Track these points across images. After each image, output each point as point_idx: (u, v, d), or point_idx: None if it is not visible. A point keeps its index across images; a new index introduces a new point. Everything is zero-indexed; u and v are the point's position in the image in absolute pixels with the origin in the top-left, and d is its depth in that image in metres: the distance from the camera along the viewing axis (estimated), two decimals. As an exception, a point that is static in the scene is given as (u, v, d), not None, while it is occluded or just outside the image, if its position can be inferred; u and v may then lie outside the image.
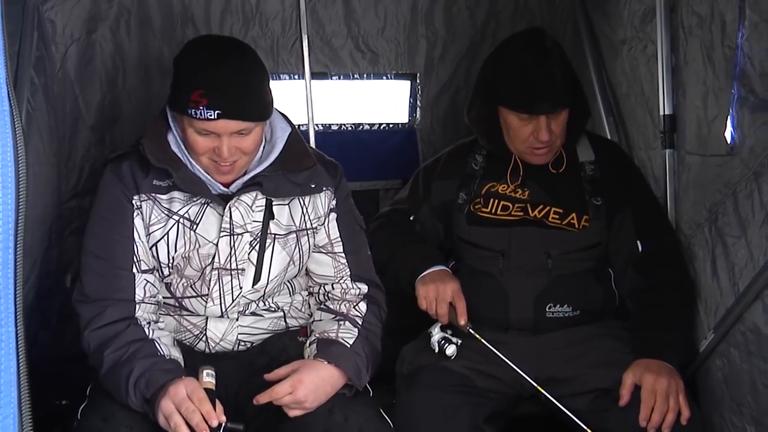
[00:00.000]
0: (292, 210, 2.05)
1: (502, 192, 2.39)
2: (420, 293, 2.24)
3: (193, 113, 1.83)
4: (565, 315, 2.27)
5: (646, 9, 2.51)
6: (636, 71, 2.63)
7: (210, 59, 1.87)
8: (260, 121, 1.91)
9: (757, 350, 1.94)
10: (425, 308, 2.23)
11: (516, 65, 2.25)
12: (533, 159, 2.35)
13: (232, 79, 1.84)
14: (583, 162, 2.40)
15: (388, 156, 3.12)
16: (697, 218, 2.26)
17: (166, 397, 1.74)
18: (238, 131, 1.86)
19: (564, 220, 2.32)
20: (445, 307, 2.20)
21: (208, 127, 1.84)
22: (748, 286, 1.98)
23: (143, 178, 1.96)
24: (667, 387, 2.02)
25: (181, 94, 1.85)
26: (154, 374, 1.79)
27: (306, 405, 1.83)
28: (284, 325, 2.12)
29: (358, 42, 3.01)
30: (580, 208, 2.33)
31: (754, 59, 1.94)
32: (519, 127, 2.28)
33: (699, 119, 2.26)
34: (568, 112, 2.29)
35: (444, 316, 2.20)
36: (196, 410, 1.70)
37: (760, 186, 1.94)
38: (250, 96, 1.87)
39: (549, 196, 2.35)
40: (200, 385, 1.77)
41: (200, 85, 1.82)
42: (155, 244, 1.96)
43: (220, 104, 1.81)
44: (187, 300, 2.02)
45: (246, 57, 1.93)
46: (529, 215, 2.33)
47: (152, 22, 2.73)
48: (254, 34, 2.89)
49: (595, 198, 2.34)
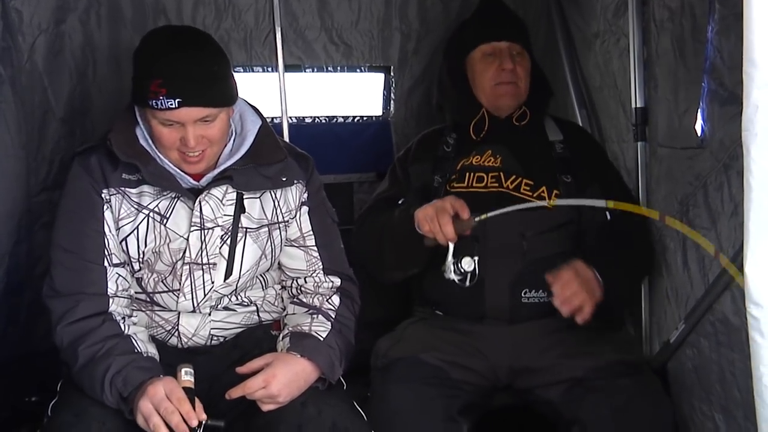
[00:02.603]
0: (264, 203, 2.03)
1: (476, 164, 2.42)
2: (419, 218, 2.14)
3: (154, 104, 1.81)
4: (540, 300, 2.28)
5: (619, 2, 2.53)
6: (609, 64, 2.65)
7: (166, 48, 1.85)
8: (223, 106, 1.89)
9: (725, 340, 1.97)
10: (428, 231, 2.11)
11: (475, 12, 2.56)
12: (501, 100, 2.41)
13: (190, 66, 1.82)
14: (553, 141, 2.46)
15: (362, 149, 3.11)
16: (669, 210, 2.28)
17: (144, 397, 1.72)
18: (202, 118, 1.85)
19: (535, 193, 2.34)
20: (446, 216, 2.08)
21: (171, 117, 1.82)
22: (717, 277, 2.00)
23: (112, 171, 1.93)
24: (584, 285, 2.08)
25: (141, 87, 1.83)
26: (131, 372, 1.77)
27: (279, 399, 1.82)
28: (257, 319, 2.11)
29: (332, 34, 3.00)
30: (550, 182, 2.36)
31: (724, 53, 1.95)
32: (485, 67, 2.42)
33: (670, 112, 2.28)
34: (529, 62, 2.42)
35: (447, 225, 2.07)
36: (176, 411, 1.69)
37: (729, 178, 1.96)
38: (209, 82, 1.85)
39: (520, 166, 2.39)
40: (179, 384, 1.76)
41: (158, 75, 1.80)
42: (125, 239, 1.94)
43: (180, 92, 1.80)
44: (158, 295, 2.00)
45: (203, 44, 1.91)
46: (503, 186, 2.35)
47: (123, 13, 2.70)
48: (227, 26, 2.88)
49: (565, 176, 2.38)
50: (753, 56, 1.14)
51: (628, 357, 2.19)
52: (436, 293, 2.37)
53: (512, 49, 2.42)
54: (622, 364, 2.13)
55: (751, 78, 1.15)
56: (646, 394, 2.07)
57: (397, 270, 2.38)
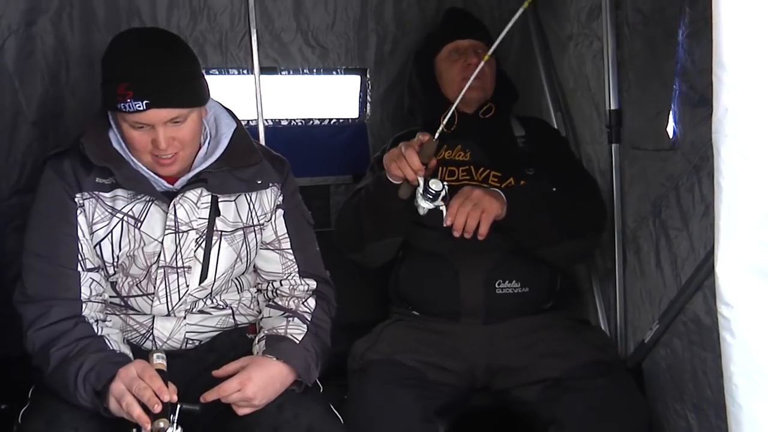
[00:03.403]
0: (239, 206, 2.02)
1: (448, 158, 2.45)
2: (387, 161, 2.16)
3: (122, 107, 1.79)
4: (515, 291, 2.30)
5: (593, 6, 2.56)
6: (583, 67, 2.68)
7: (133, 50, 1.84)
8: (192, 107, 1.87)
9: (698, 340, 1.99)
10: (396, 169, 2.11)
11: (441, 21, 2.72)
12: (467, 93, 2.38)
13: (157, 67, 1.81)
14: (517, 136, 2.54)
15: (338, 151, 3.11)
16: (642, 211, 2.31)
17: (116, 379, 1.71)
18: (172, 120, 1.83)
19: (503, 183, 2.37)
20: (410, 150, 2.09)
21: (140, 119, 1.81)
22: (690, 278, 2.03)
23: (86, 175, 1.91)
24: (479, 198, 2.12)
25: (109, 90, 1.82)
26: (104, 366, 1.76)
27: (255, 402, 1.81)
28: (233, 322, 2.10)
29: (308, 37, 2.99)
30: (516, 173, 2.40)
31: (695, 56, 1.98)
32: (451, 65, 2.54)
33: (643, 114, 2.32)
34: (494, 64, 2.54)
35: (413, 156, 2.07)
36: (148, 387, 1.67)
37: (700, 180, 1.99)
38: (177, 82, 1.83)
39: (488, 159, 2.44)
40: (151, 366, 1.74)
41: (125, 78, 1.78)
42: (99, 243, 1.92)
43: (147, 94, 1.78)
44: (132, 299, 1.98)
45: (170, 45, 1.90)
46: (473, 178, 2.39)
47: (96, 15, 2.68)
48: (202, 29, 2.86)
49: (528, 168, 2.42)
50: (722, 60, 1.15)
51: (604, 357, 2.20)
52: (411, 291, 2.38)
53: (476, 47, 2.53)
54: (597, 364, 2.15)
55: (720, 81, 1.16)
56: (622, 394, 2.09)
57: (378, 238, 2.35)
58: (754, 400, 1.19)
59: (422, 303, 2.36)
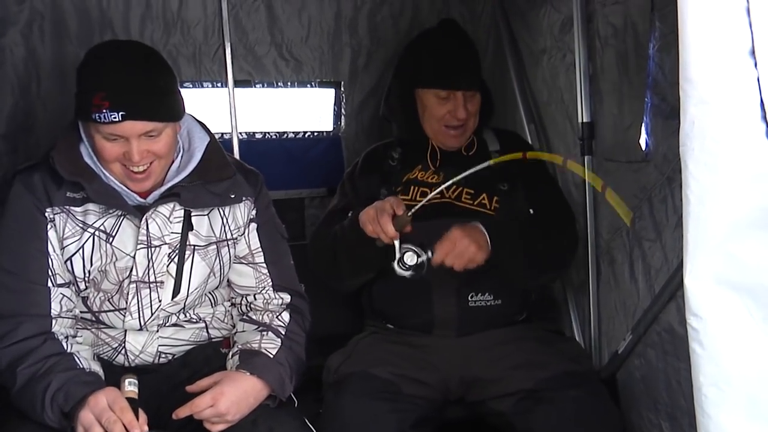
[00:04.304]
0: (212, 221, 2.01)
1: (421, 179, 2.44)
2: (362, 221, 2.16)
3: (97, 117, 1.78)
4: (488, 304, 2.31)
5: (565, 19, 2.58)
6: (556, 80, 2.70)
7: (111, 62, 1.83)
8: (168, 121, 1.87)
9: (671, 349, 2.01)
10: (371, 232, 2.13)
11: (435, 47, 2.43)
12: (448, 141, 2.42)
13: (135, 79, 1.80)
14: (491, 151, 2.49)
15: (313, 164, 3.11)
16: (616, 223, 2.33)
17: (85, 408, 1.68)
18: (146, 133, 1.82)
19: (476, 201, 2.38)
20: (386, 216, 2.10)
21: (115, 131, 1.79)
22: (663, 288, 2.04)
23: (56, 190, 1.89)
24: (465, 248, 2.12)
25: (84, 100, 1.80)
26: (73, 387, 1.73)
27: (228, 418, 1.79)
28: (206, 335, 2.08)
29: (282, 50, 2.99)
30: (489, 190, 2.40)
31: (665, 69, 2.00)
32: (437, 107, 2.39)
33: (616, 126, 2.33)
34: (480, 97, 2.43)
35: (387, 224, 2.09)
36: (118, 420, 1.65)
37: (673, 191, 2.01)
38: (155, 95, 1.82)
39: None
40: (122, 395, 1.72)
41: (101, 88, 1.77)
42: (70, 258, 1.90)
43: (124, 105, 1.77)
44: (104, 314, 1.96)
45: (149, 58, 1.89)
46: (445, 197, 2.38)
47: (68, 27, 2.65)
48: (176, 41, 2.85)
49: (502, 183, 2.41)
50: (688, 74, 1.17)
51: (578, 368, 2.21)
52: (385, 305, 2.38)
53: (466, 93, 2.39)
54: (572, 375, 2.16)
55: (687, 95, 1.18)
56: (596, 405, 2.10)
57: (355, 277, 2.38)
58: (723, 411, 1.20)
59: (396, 316, 2.36)
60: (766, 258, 1.18)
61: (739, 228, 1.18)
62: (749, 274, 1.19)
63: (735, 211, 1.18)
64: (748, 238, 1.18)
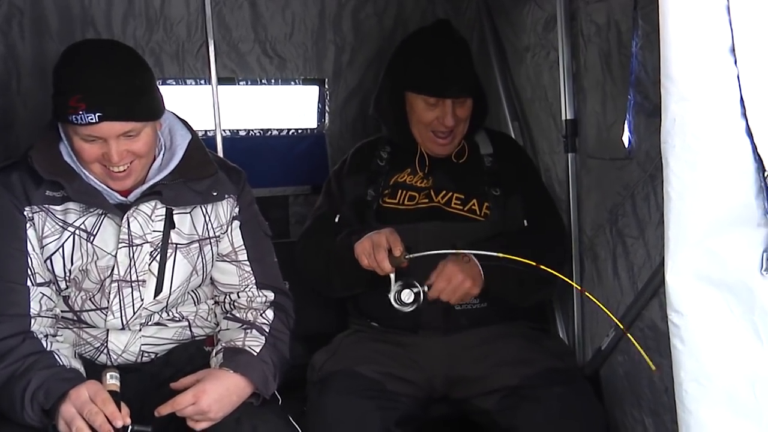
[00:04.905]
0: (194, 219, 2.00)
1: (409, 183, 2.42)
2: (358, 253, 2.15)
3: (73, 119, 1.76)
4: (473, 307, 2.30)
5: (548, 17, 2.58)
6: (539, 77, 2.70)
7: (86, 62, 1.81)
8: (146, 120, 1.85)
9: (654, 345, 2.01)
10: (367, 266, 2.13)
11: (426, 51, 2.36)
12: (436, 149, 2.40)
13: (111, 80, 1.78)
14: (483, 154, 2.47)
15: (297, 162, 3.10)
16: (599, 220, 2.33)
17: (67, 401, 1.67)
18: (125, 133, 1.80)
19: (466, 206, 2.37)
20: (382, 252, 2.10)
21: (92, 132, 1.78)
22: (645, 285, 2.05)
23: (35, 189, 1.87)
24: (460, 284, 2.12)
25: (60, 102, 1.79)
26: (53, 384, 1.71)
27: (211, 415, 1.78)
28: (189, 334, 2.07)
29: (266, 47, 2.98)
30: (480, 195, 2.38)
31: (648, 67, 2.01)
32: (425, 112, 2.35)
33: (599, 124, 2.34)
34: (471, 102, 2.38)
35: (384, 261, 2.09)
36: (100, 412, 1.64)
37: (655, 188, 2.01)
38: (131, 95, 1.81)
39: (451, 182, 2.40)
40: (104, 388, 1.71)
41: (77, 90, 1.76)
42: (50, 257, 1.88)
43: (100, 106, 1.75)
44: (86, 313, 1.95)
45: (125, 57, 1.87)
46: (434, 201, 2.37)
47: (49, 24, 2.63)
48: (158, 39, 2.84)
49: (494, 189, 2.40)
50: (669, 71, 1.17)
51: (562, 365, 2.22)
52: (371, 306, 2.37)
53: (456, 100, 2.33)
54: (555, 371, 2.16)
55: (668, 92, 1.19)
56: (579, 401, 2.10)
57: (347, 292, 2.40)
58: (703, 406, 1.21)
59: (381, 318, 2.35)
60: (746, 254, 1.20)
61: (720, 224, 1.20)
62: (729, 271, 1.20)
63: (715, 208, 1.19)
64: (729, 234, 1.19)
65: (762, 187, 1.19)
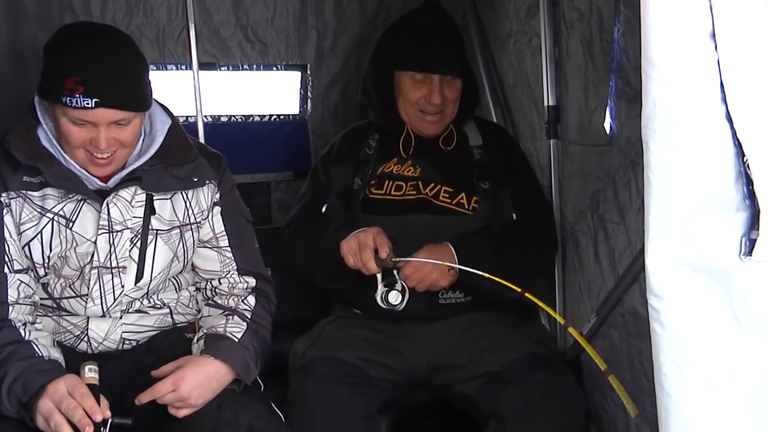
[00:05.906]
0: (175, 204, 1.99)
1: (396, 172, 2.40)
2: (344, 251, 2.15)
3: (68, 101, 1.74)
4: (458, 301, 2.31)
5: (531, 3, 2.58)
6: (522, 63, 2.70)
7: (86, 46, 1.79)
8: (139, 111, 1.85)
9: (635, 331, 2.03)
10: (352, 265, 2.13)
11: (413, 27, 2.35)
12: (424, 128, 2.38)
13: (111, 67, 1.77)
14: (473, 146, 2.45)
15: (279, 148, 3.09)
16: (580, 206, 2.34)
17: (44, 396, 1.66)
18: (117, 121, 1.79)
19: (454, 200, 2.35)
20: (368, 252, 2.10)
21: (85, 117, 1.76)
22: (626, 270, 2.06)
23: (12, 174, 1.85)
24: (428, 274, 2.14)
25: (54, 82, 1.76)
26: (31, 376, 1.70)
27: (191, 402, 1.78)
28: (171, 321, 2.06)
29: (247, 32, 2.96)
30: (469, 189, 2.37)
31: (629, 53, 2.01)
32: (412, 90, 2.33)
33: (581, 110, 2.34)
34: (460, 84, 2.36)
35: (369, 261, 2.10)
36: (78, 406, 1.63)
37: (636, 174, 2.02)
38: (129, 85, 1.80)
39: (440, 174, 2.38)
40: (82, 381, 1.69)
41: (76, 72, 1.74)
42: (28, 244, 1.86)
43: (98, 92, 1.74)
44: (65, 300, 1.93)
45: (124, 45, 1.86)
46: (421, 193, 2.35)
47: (25, 7, 2.59)
48: (138, 23, 2.80)
49: (483, 182, 2.38)
50: (650, 55, 1.17)
51: (543, 350, 2.23)
52: (355, 294, 2.36)
53: (444, 78, 2.31)
54: (537, 357, 2.17)
55: (649, 76, 1.19)
56: (560, 386, 2.12)
57: (330, 285, 2.39)
58: (682, 389, 1.22)
59: (364, 307, 2.34)
60: (726, 239, 1.20)
61: (700, 209, 1.20)
62: (709, 255, 1.21)
63: (695, 193, 1.19)
64: (708, 219, 1.20)
65: (741, 172, 1.19)
